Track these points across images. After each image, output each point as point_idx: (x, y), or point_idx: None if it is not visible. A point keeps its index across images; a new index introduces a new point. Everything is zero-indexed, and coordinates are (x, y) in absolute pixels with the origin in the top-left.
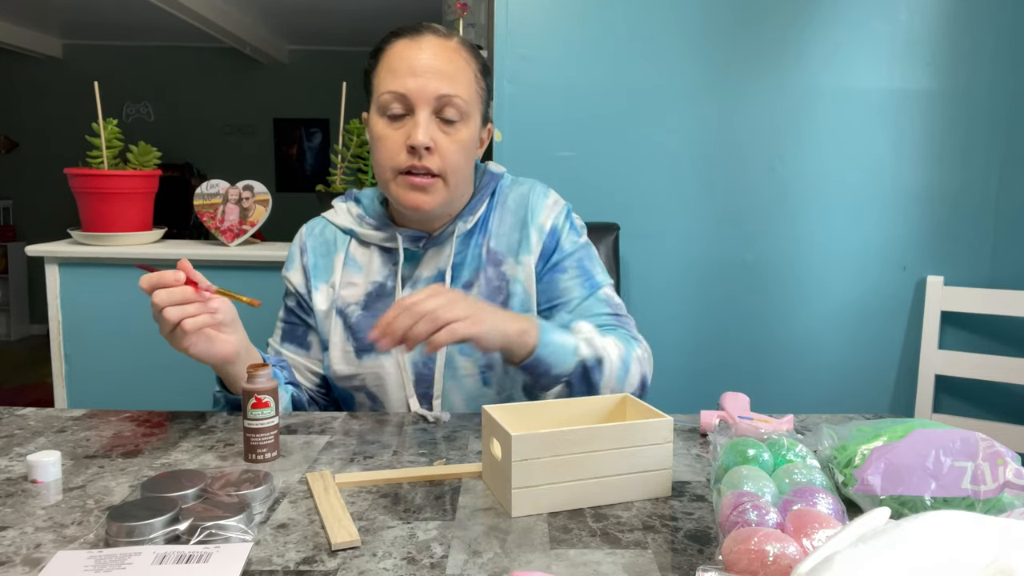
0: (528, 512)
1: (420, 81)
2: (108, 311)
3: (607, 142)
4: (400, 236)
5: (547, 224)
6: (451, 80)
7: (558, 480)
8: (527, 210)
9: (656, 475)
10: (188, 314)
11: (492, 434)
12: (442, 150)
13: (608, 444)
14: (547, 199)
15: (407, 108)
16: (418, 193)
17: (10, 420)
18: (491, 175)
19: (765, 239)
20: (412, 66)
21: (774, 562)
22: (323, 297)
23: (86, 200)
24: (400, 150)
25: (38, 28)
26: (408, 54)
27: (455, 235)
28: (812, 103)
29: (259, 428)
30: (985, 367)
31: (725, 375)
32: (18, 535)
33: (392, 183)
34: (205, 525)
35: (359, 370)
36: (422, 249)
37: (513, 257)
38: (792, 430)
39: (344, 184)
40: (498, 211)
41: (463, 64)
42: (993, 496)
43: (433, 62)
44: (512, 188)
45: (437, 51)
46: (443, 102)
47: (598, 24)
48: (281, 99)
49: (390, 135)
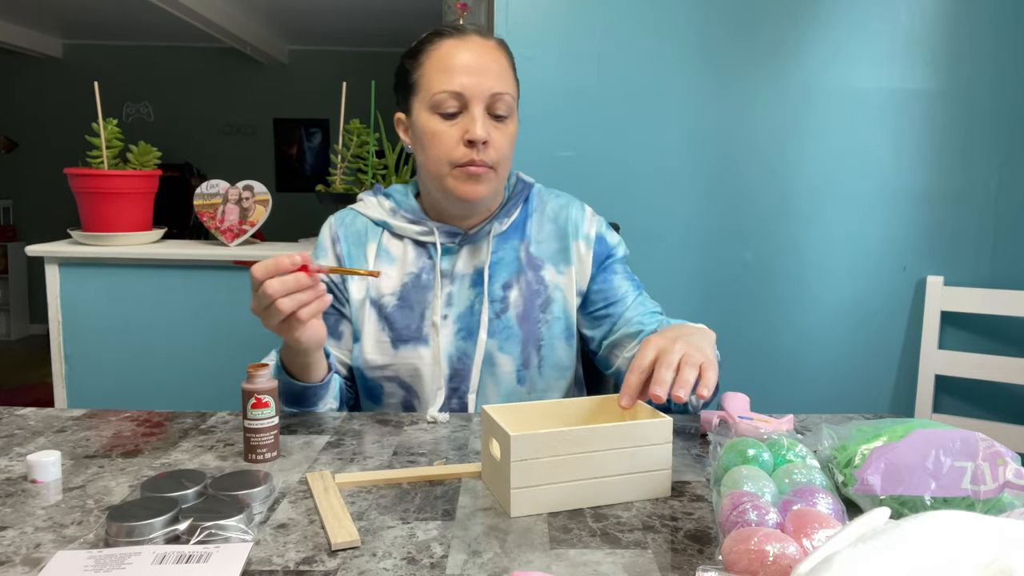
0: (527, 512)
1: (474, 79)
2: (108, 311)
3: (607, 142)
4: (437, 231)
5: (592, 233)
6: (500, 78)
7: (557, 480)
8: (568, 222)
9: (656, 475)
10: (302, 303)
11: (491, 434)
12: (495, 143)
13: (607, 444)
14: (586, 212)
15: (461, 105)
16: (473, 183)
17: (10, 420)
18: (523, 183)
19: (765, 239)
20: (465, 65)
21: (774, 562)
22: (357, 287)
23: (86, 200)
24: (457, 145)
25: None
26: (458, 53)
27: (491, 235)
28: (812, 103)
29: (259, 428)
30: (985, 367)
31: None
32: (18, 535)
33: (448, 177)
34: (205, 525)
35: (394, 360)
36: (457, 245)
37: (554, 265)
38: (792, 430)
39: (344, 184)
40: (536, 218)
41: (506, 63)
42: (993, 496)
43: (481, 60)
44: (549, 198)
45: (483, 50)
46: (495, 99)
47: (598, 24)
48: (281, 99)
49: (445, 131)
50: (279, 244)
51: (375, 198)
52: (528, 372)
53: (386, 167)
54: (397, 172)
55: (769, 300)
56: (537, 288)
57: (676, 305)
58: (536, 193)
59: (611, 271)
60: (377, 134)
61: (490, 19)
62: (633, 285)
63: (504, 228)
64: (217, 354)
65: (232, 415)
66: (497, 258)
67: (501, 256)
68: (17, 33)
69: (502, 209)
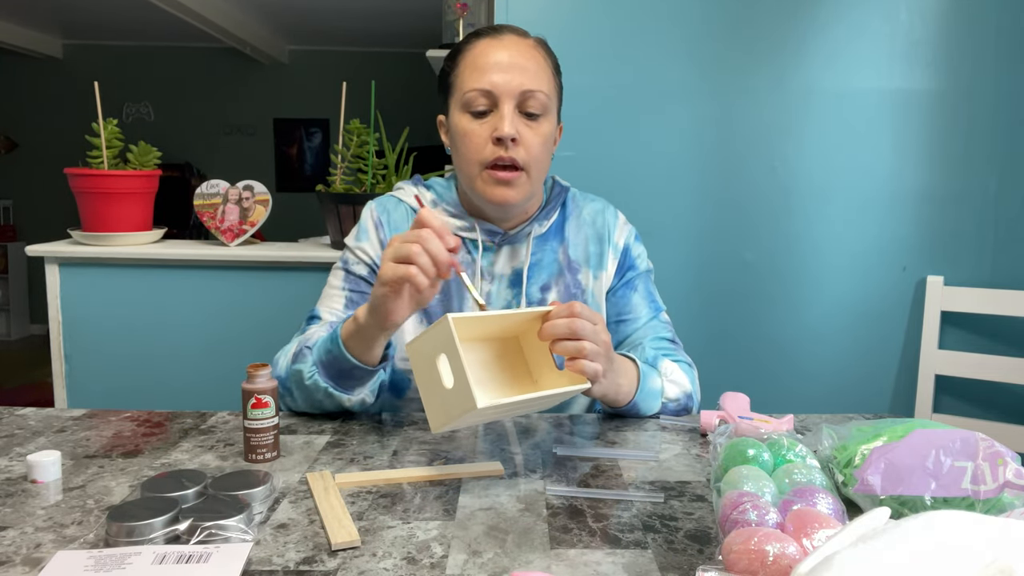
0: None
1: (504, 77)
2: (108, 311)
3: (607, 142)
4: (479, 227)
5: (620, 242)
6: (533, 75)
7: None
8: (605, 227)
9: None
10: (427, 270)
11: (436, 352)
12: (526, 142)
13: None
14: (619, 219)
15: (491, 103)
16: (503, 188)
17: (10, 420)
18: (560, 186)
19: (765, 239)
20: (496, 62)
21: (774, 562)
22: None
23: (86, 200)
24: (486, 143)
25: (38, 28)
26: (490, 52)
27: (531, 236)
28: (812, 103)
29: (259, 428)
30: (985, 367)
31: (725, 375)
32: (18, 535)
33: (478, 179)
34: (205, 525)
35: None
36: (496, 245)
37: (590, 269)
38: (792, 430)
39: (344, 184)
40: (573, 221)
41: (542, 61)
42: (993, 496)
43: (515, 59)
44: (585, 202)
45: (519, 48)
46: (526, 96)
47: (598, 24)
48: (281, 99)
49: (475, 130)
50: (279, 244)
51: (416, 188)
52: None
53: (386, 167)
54: (397, 172)
55: (769, 300)
56: (575, 292)
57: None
58: (572, 197)
59: (631, 286)
60: (377, 134)
61: (490, 19)
62: (651, 307)
63: (544, 231)
64: (217, 354)
65: (232, 415)
66: (536, 260)
67: (540, 258)
68: (17, 33)
69: (542, 211)
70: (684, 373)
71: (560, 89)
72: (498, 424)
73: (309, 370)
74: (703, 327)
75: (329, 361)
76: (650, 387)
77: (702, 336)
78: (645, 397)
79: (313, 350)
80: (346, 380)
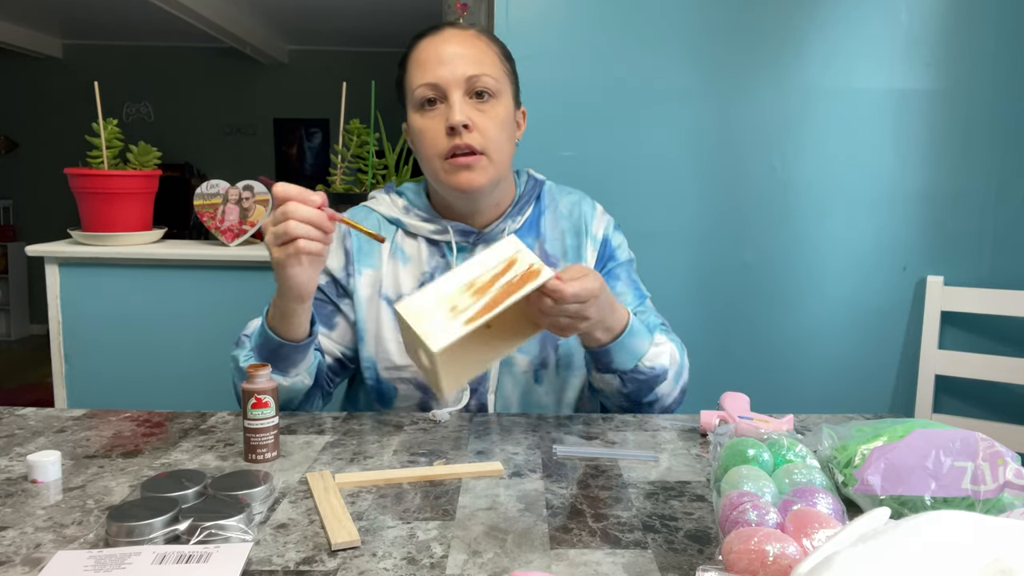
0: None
1: (447, 68)
2: (108, 311)
3: (607, 142)
4: (451, 229)
5: (599, 234)
6: (476, 61)
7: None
8: (581, 219)
9: None
10: (311, 236)
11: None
12: (480, 127)
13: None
14: (596, 210)
15: (440, 96)
16: (466, 173)
17: (10, 420)
18: (535, 180)
19: (765, 239)
20: (438, 56)
21: (774, 562)
22: (366, 282)
23: (86, 200)
24: (440, 135)
25: (38, 28)
26: (431, 47)
27: (505, 233)
28: (812, 103)
29: (259, 428)
30: (985, 367)
31: (725, 375)
32: (18, 535)
33: (440, 171)
34: (205, 525)
35: (411, 362)
36: (470, 244)
37: (567, 262)
38: (792, 430)
39: (344, 184)
40: (549, 215)
41: (484, 47)
42: (993, 496)
43: (456, 48)
44: (562, 194)
45: (459, 39)
46: (472, 82)
47: (598, 24)
48: (281, 99)
49: (429, 125)
50: None
51: (387, 196)
52: (546, 371)
53: (386, 167)
54: (397, 172)
55: (769, 300)
56: None
57: (676, 305)
58: (547, 190)
59: (614, 276)
60: (377, 134)
61: (490, 19)
62: (636, 294)
63: (518, 226)
64: (217, 354)
65: (232, 415)
66: None
67: None
68: (17, 33)
69: (515, 206)
70: (674, 343)
71: (513, 75)
72: (498, 424)
73: (245, 355)
74: (703, 327)
75: (261, 344)
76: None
77: (702, 336)
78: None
79: (251, 337)
80: (280, 362)
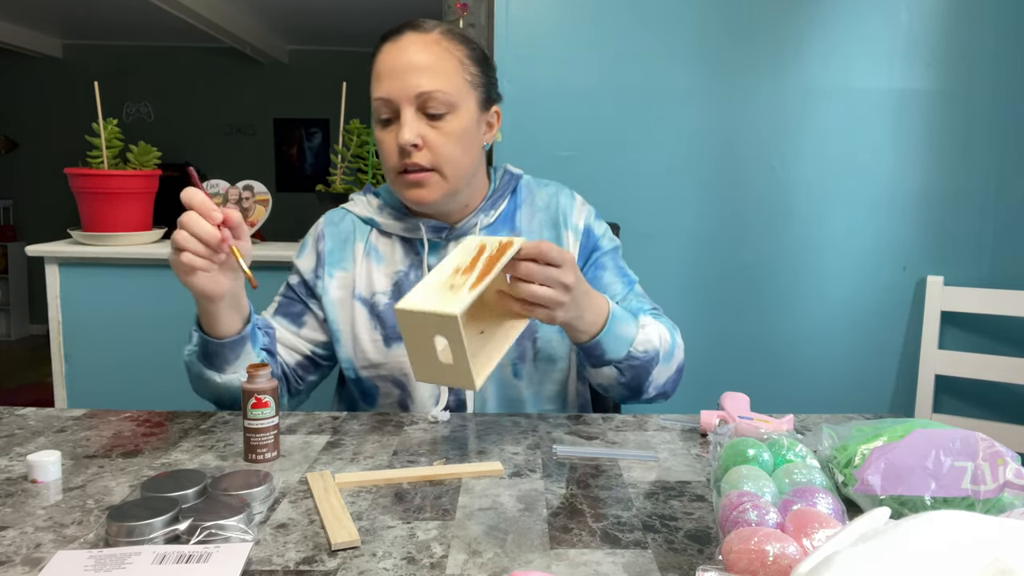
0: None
1: (398, 83)
2: (108, 311)
3: (607, 142)
4: (423, 226)
5: (580, 224)
6: (431, 74)
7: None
8: (559, 211)
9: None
10: (197, 251)
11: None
12: (431, 144)
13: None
14: (575, 200)
15: (392, 113)
16: (416, 189)
17: (10, 420)
18: (511, 175)
19: (765, 239)
20: (391, 69)
21: (774, 562)
22: (337, 284)
23: (86, 200)
24: (393, 151)
25: (38, 28)
26: (388, 58)
27: (478, 228)
28: (812, 103)
29: (259, 428)
30: (985, 367)
31: (725, 375)
32: (18, 535)
33: (395, 184)
34: (205, 525)
35: (387, 359)
36: (443, 240)
37: None
38: (792, 430)
39: (344, 184)
40: (526, 209)
41: (443, 54)
42: (993, 496)
43: (411, 59)
44: (539, 188)
45: (417, 47)
46: (423, 98)
47: (598, 24)
48: (281, 99)
49: (385, 139)
50: (279, 244)
51: (364, 197)
52: (524, 365)
53: None
54: None
55: (769, 300)
56: None
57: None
58: (524, 184)
59: (599, 266)
60: None
61: (490, 19)
62: (624, 281)
63: (491, 220)
64: None
65: (232, 415)
66: None
67: None
68: (17, 33)
69: (487, 201)
70: (663, 324)
71: (483, 76)
72: (498, 424)
73: (188, 351)
74: (703, 327)
75: (195, 341)
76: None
77: (702, 336)
78: (611, 339)
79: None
80: (212, 358)
